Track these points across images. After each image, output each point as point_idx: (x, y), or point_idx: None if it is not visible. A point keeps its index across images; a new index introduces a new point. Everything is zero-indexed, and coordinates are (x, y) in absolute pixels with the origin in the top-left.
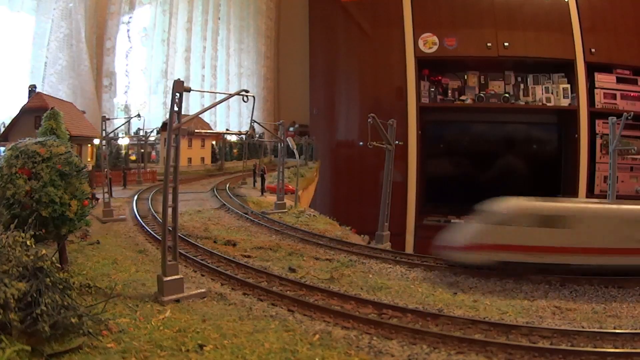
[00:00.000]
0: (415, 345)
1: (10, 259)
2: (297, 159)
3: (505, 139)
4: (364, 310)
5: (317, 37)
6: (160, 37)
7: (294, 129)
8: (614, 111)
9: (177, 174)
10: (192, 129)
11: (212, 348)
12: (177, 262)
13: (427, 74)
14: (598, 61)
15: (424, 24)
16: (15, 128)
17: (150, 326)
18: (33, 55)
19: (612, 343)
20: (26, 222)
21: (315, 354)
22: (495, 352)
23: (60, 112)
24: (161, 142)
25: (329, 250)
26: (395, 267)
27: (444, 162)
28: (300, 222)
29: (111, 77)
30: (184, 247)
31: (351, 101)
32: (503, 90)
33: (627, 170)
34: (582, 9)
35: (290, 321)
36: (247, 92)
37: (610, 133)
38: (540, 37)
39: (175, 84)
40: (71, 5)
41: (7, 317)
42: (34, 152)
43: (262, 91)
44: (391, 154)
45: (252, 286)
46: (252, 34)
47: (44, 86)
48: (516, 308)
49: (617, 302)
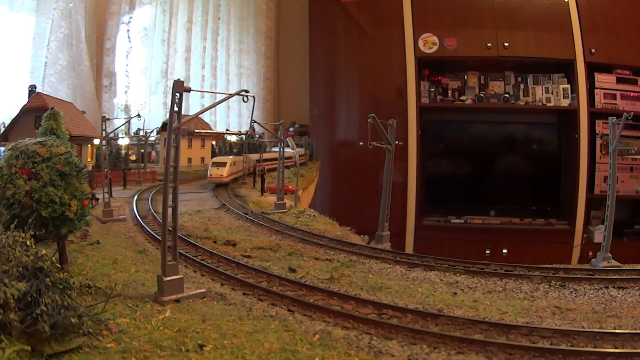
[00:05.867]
0: (415, 345)
1: (10, 259)
2: (296, 159)
3: (505, 139)
4: (364, 310)
5: (317, 37)
6: (160, 37)
7: (294, 129)
8: (614, 111)
9: (177, 174)
10: (192, 129)
11: (212, 348)
12: (177, 262)
13: (427, 74)
14: (598, 61)
15: (424, 24)
16: (15, 128)
17: (150, 326)
18: (33, 55)
19: (612, 343)
20: (26, 222)
21: (315, 354)
22: (495, 352)
23: (60, 112)
24: (161, 142)
25: (329, 250)
26: (395, 267)
27: (444, 162)
28: (300, 222)
29: (111, 77)
30: (184, 247)
31: (351, 101)
32: (503, 91)
33: (627, 170)
34: (582, 9)
35: (290, 321)
36: (247, 92)
37: (610, 133)
38: (540, 37)
39: (175, 84)
40: (71, 5)
41: (7, 317)
42: (34, 152)
43: (262, 91)
44: (391, 154)
45: (252, 286)
46: (252, 34)
47: (44, 86)
48: (516, 308)
49: (617, 302)
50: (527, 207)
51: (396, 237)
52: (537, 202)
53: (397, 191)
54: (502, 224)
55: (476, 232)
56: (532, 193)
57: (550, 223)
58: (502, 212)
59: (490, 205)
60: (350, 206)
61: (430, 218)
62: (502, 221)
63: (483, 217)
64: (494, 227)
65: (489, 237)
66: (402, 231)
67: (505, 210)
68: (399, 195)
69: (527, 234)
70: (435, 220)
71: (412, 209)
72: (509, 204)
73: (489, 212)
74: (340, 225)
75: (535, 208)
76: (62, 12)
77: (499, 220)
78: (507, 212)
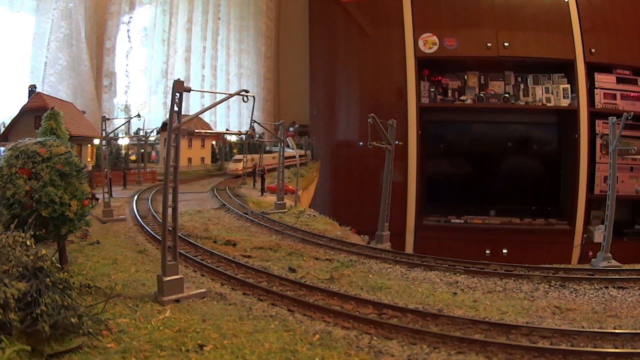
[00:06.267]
0: (415, 345)
1: (10, 259)
2: (296, 159)
3: (505, 139)
4: (364, 310)
5: (317, 37)
6: (160, 37)
7: (294, 129)
8: (614, 111)
9: (177, 174)
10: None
11: (212, 348)
12: (177, 262)
13: (427, 74)
14: (598, 61)
15: (424, 24)
16: (15, 128)
17: (150, 326)
18: (33, 55)
19: (612, 343)
20: (26, 222)
21: (315, 354)
22: (495, 352)
23: (60, 112)
24: (161, 142)
25: (329, 250)
26: (395, 267)
27: (444, 162)
28: (300, 222)
29: (111, 77)
30: (184, 247)
31: (351, 101)
32: (503, 91)
33: (627, 170)
34: (582, 9)
35: (290, 321)
36: (247, 92)
37: (610, 133)
38: (540, 37)
39: (175, 84)
40: (71, 5)
41: (7, 317)
42: (34, 152)
43: (262, 91)
44: (391, 154)
45: (252, 286)
46: (252, 34)
47: (44, 86)
48: (516, 308)
49: (617, 302)
50: (527, 207)
51: (396, 237)
52: (537, 202)
53: (397, 191)
54: (502, 224)
55: (476, 232)
56: (532, 193)
57: (550, 223)
58: (502, 212)
59: (490, 205)
60: (350, 206)
61: (430, 218)
62: (502, 221)
63: (483, 217)
64: (494, 227)
65: (489, 237)
66: (402, 231)
67: (505, 210)
68: (399, 195)
69: (527, 234)
70: (435, 220)
71: (412, 209)
72: (509, 204)
73: (489, 212)
74: (340, 225)
75: (535, 208)
76: (62, 12)
77: (499, 220)
78: (507, 212)
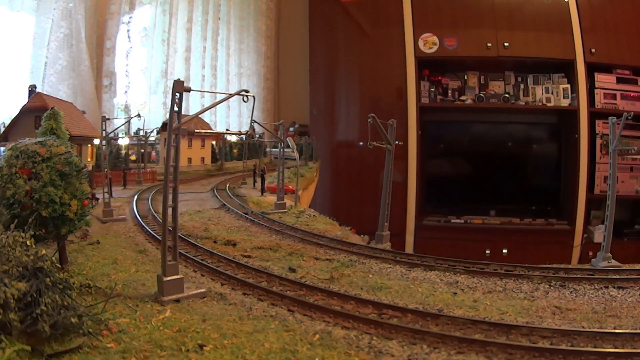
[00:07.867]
0: (415, 345)
1: (10, 259)
2: (296, 159)
3: (505, 139)
4: (364, 310)
5: (317, 37)
6: (160, 37)
7: (294, 129)
8: (614, 111)
9: (177, 174)
10: (192, 129)
11: (212, 348)
12: (177, 262)
13: (427, 74)
14: (598, 61)
15: (424, 24)
16: (15, 128)
17: (150, 326)
18: (33, 55)
19: (612, 343)
20: (26, 222)
21: (315, 354)
22: (495, 352)
23: (60, 112)
24: (161, 142)
25: (329, 250)
26: (395, 267)
27: (444, 162)
28: (300, 222)
29: (111, 77)
30: (184, 247)
31: (351, 101)
32: (503, 91)
33: (627, 170)
34: (582, 9)
35: (290, 321)
36: (247, 92)
37: (610, 133)
38: (540, 37)
39: (175, 84)
40: (71, 5)
41: (7, 317)
42: (34, 152)
43: (262, 91)
44: (391, 154)
45: (252, 286)
46: (252, 34)
47: (44, 86)
48: (516, 308)
49: (617, 302)
50: (527, 207)
51: (396, 237)
52: (537, 202)
53: (397, 191)
54: (502, 224)
55: (476, 232)
56: (532, 193)
57: (550, 223)
58: (502, 212)
59: (490, 205)
60: (350, 206)
61: (430, 218)
62: (502, 221)
63: (483, 217)
64: (494, 227)
65: (489, 237)
66: (402, 231)
67: (505, 210)
68: (399, 195)
69: (527, 234)
70: (435, 220)
71: (412, 209)
72: (509, 204)
73: (489, 212)
74: (340, 225)
75: (535, 208)
76: (62, 12)
77: (499, 220)
78: (507, 212)
